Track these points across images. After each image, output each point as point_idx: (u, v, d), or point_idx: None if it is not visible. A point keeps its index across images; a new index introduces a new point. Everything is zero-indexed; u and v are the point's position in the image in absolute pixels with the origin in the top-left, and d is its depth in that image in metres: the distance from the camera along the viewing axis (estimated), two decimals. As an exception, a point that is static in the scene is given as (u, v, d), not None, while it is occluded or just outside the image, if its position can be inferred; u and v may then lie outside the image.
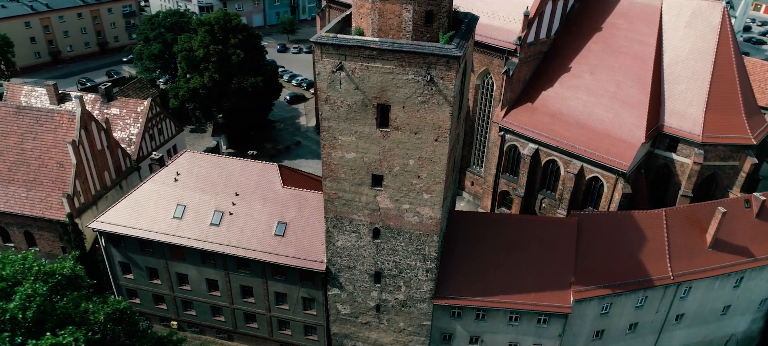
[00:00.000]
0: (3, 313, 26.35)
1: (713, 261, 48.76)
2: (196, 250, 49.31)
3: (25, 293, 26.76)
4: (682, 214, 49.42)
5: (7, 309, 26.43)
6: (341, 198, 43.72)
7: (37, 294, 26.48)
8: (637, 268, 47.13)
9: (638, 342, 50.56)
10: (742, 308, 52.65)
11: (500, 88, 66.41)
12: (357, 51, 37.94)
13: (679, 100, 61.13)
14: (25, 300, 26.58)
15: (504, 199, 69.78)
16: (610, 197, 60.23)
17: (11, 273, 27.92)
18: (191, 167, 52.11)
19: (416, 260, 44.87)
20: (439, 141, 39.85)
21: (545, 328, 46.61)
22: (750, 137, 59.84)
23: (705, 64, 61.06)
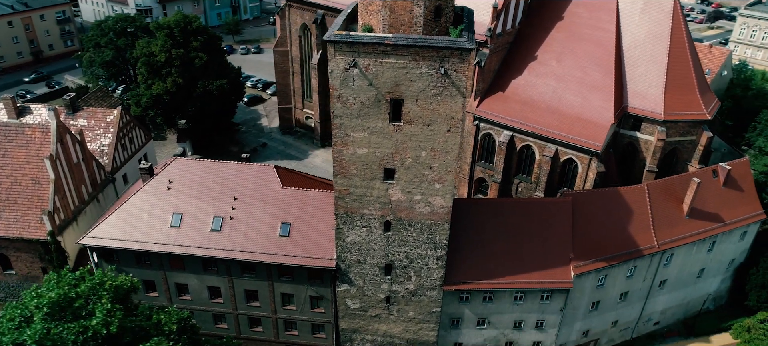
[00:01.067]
0: (85, 330, 25.33)
1: (690, 229, 52.82)
2: (198, 258, 48.34)
3: (105, 308, 25.85)
4: (662, 187, 53.17)
5: (89, 326, 25.44)
6: (352, 194, 44.17)
7: (116, 309, 25.56)
8: (627, 240, 50.40)
9: (628, 309, 54.05)
10: (714, 270, 57.31)
11: (471, 79, 68.56)
12: (371, 48, 38.41)
13: (640, 82, 65.28)
14: (107, 315, 25.67)
15: (480, 186, 72.12)
16: (584, 177, 63.59)
17: (86, 290, 26.85)
18: (183, 174, 50.89)
19: (427, 249, 46.01)
20: (451, 131, 41.05)
21: (548, 304, 49.01)
22: (705, 113, 64.79)
23: (661, 47, 65.43)
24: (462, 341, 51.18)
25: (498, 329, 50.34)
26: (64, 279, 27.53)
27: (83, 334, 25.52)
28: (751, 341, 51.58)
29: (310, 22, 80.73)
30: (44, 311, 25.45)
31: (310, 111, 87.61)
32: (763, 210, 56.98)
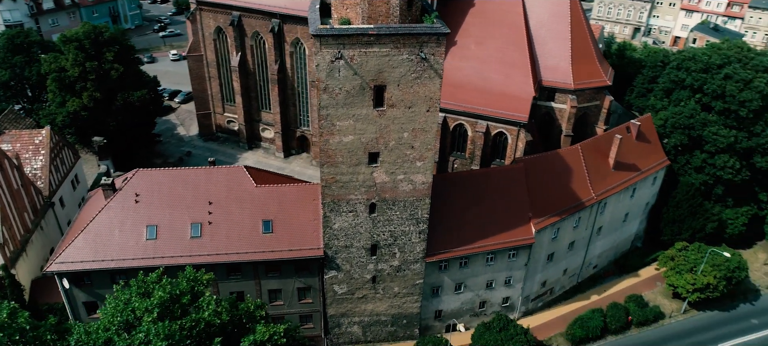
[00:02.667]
0: (198, 323, 25.35)
1: (617, 179, 60.55)
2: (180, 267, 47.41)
3: (211, 299, 26.09)
4: (591, 146, 60.34)
5: (202, 318, 25.47)
6: (339, 181, 46.03)
7: (220, 300, 25.78)
8: (571, 195, 56.85)
9: (574, 257, 60.78)
10: (635, 213, 65.94)
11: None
12: (356, 39, 40.66)
13: (550, 58, 72.57)
14: (216, 305, 25.94)
15: (416, 167, 75.98)
16: (514, 147, 69.77)
17: (187, 287, 26.60)
18: (149, 185, 49.61)
19: (410, 225, 49.04)
20: (430, 111, 44.39)
21: (514, 260, 54.10)
22: (606, 80, 73.58)
23: (563, 25, 73.15)
24: (442, 308, 54.87)
25: (473, 291, 54.64)
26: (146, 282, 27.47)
27: (196, 326, 25.71)
28: (675, 267, 60.39)
29: (225, 25, 79.76)
30: (155, 313, 25.29)
31: (232, 115, 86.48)
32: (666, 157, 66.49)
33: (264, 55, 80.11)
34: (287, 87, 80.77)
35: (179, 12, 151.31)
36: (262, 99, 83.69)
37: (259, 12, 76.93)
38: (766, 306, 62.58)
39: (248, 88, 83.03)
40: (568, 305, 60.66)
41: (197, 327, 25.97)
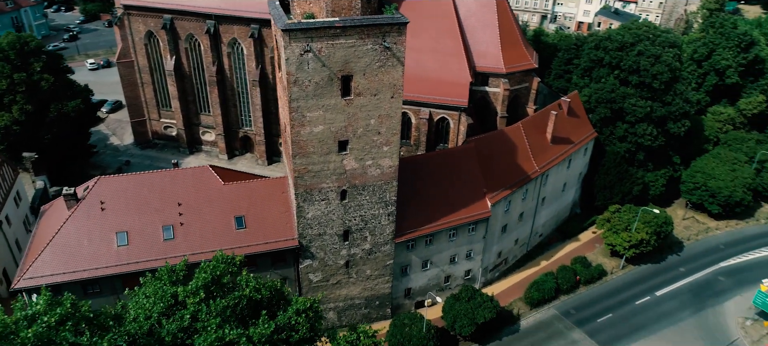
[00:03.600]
0: (241, 300, 26.43)
1: (555, 152, 65.61)
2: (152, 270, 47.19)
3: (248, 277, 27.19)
4: (530, 123, 65.04)
5: (244, 295, 26.46)
6: (310, 171, 47.52)
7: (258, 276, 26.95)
8: (518, 169, 61.16)
9: (524, 227, 65.28)
10: (571, 182, 71.55)
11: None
12: (323, 32, 42.45)
13: (481, 44, 76.96)
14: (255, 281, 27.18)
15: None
16: (457, 131, 73.64)
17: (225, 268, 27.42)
18: (114, 192, 48.89)
19: (379, 208, 51.28)
20: (394, 97, 46.86)
21: (474, 234, 57.64)
22: (533, 63, 79.01)
23: (491, 13, 77.79)
24: (411, 286, 57.53)
25: (439, 267, 57.68)
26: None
27: (239, 303, 26.72)
28: (611, 227, 66.33)
29: (157, 29, 78.31)
30: (201, 295, 26.00)
31: (169, 120, 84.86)
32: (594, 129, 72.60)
33: (200, 57, 79.38)
34: (227, 88, 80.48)
35: (88, 20, 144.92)
36: (201, 102, 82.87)
37: (192, 14, 76.17)
38: (689, 255, 70.04)
39: (185, 91, 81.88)
40: (521, 273, 65.20)
41: (241, 303, 27.13)
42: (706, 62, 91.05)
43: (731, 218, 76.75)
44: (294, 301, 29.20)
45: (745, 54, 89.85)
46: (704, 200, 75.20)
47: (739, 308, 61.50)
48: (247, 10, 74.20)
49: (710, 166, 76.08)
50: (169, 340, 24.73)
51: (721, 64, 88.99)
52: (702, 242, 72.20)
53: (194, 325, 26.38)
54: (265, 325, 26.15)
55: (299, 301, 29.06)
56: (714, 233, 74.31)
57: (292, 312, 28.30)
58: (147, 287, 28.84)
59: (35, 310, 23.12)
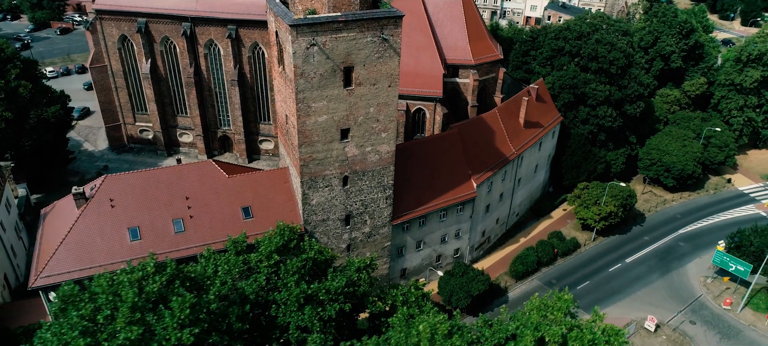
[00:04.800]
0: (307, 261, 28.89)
1: (528, 136, 70.32)
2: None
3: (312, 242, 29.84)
4: (505, 109, 69.47)
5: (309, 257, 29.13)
6: (315, 159, 50.17)
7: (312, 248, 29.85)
8: (497, 152, 65.43)
9: (503, 207, 69.66)
10: (542, 164, 76.56)
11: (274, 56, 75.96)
12: (327, 26, 45.31)
13: (450, 38, 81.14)
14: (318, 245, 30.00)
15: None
16: (433, 121, 77.47)
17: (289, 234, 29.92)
18: (122, 189, 50.09)
19: (377, 192, 54.40)
20: (391, 86, 50.17)
21: (461, 214, 61.48)
22: (498, 54, 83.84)
23: (457, 9, 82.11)
24: (406, 266, 60.82)
25: (431, 247, 61.24)
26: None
27: (306, 264, 29.35)
28: (582, 203, 71.57)
29: (131, 32, 78.66)
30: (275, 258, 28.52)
31: (145, 124, 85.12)
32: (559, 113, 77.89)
33: (176, 59, 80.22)
34: (204, 89, 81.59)
35: (38, 28, 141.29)
36: (178, 104, 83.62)
37: (168, 17, 76.98)
38: (651, 225, 76.31)
39: (161, 94, 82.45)
40: (503, 250, 69.58)
41: (307, 265, 29.79)
42: (652, 49, 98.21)
43: (684, 190, 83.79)
44: (350, 262, 32.06)
45: (686, 40, 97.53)
46: (660, 175, 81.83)
47: (699, 268, 67.90)
48: (224, 12, 75.70)
49: (663, 143, 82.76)
50: (253, 298, 27.20)
51: (666, 50, 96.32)
52: (661, 213, 78.71)
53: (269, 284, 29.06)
54: (338, 279, 29.00)
55: (358, 260, 31.92)
56: (671, 205, 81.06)
57: (354, 270, 31.13)
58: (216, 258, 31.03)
59: (145, 272, 25.20)
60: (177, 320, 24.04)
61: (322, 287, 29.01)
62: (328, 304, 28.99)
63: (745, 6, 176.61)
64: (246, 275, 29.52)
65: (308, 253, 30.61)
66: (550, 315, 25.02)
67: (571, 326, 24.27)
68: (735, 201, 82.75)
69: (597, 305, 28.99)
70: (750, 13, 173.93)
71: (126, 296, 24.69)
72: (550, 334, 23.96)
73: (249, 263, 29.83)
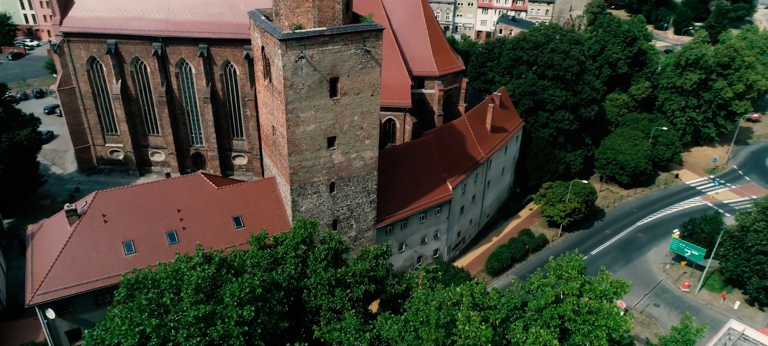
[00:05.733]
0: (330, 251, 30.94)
1: (495, 140, 74.37)
2: (163, 274, 49.88)
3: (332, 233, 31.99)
4: (473, 115, 73.33)
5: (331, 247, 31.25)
6: (304, 166, 52.43)
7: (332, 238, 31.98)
8: (469, 156, 69.08)
9: (476, 209, 73.25)
10: (508, 167, 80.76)
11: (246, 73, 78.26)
12: (315, 40, 47.95)
13: (415, 50, 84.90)
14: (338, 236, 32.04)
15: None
16: (403, 130, 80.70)
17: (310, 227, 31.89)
18: (114, 205, 50.96)
19: (362, 196, 56.97)
20: (374, 95, 53.07)
21: (439, 215, 64.62)
22: (460, 65, 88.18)
23: (420, 22, 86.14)
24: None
25: (412, 248, 64.04)
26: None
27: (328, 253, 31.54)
28: (548, 201, 75.98)
29: (100, 54, 78.99)
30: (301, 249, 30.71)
31: (115, 144, 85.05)
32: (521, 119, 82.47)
33: (146, 79, 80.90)
34: (176, 107, 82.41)
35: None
36: (149, 123, 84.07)
37: (139, 37, 77.75)
38: (610, 220, 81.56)
39: (132, 114, 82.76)
40: (478, 249, 73.14)
41: (329, 254, 32.06)
42: (600, 57, 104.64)
43: (638, 186, 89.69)
44: (367, 250, 34.61)
45: (630, 48, 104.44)
46: (615, 173, 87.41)
47: (658, 256, 73.19)
48: (195, 31, 77.11)
49: (616, 143, 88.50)
50: (285, 284, 29.32)
51: (613, 58, 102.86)
52: (619, 208, 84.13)
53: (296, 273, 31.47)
54: (361, 263, 31.41)
55: (375, 248, 34.47)
56: (627, 200, 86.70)
57: (372, 257, 33.60)
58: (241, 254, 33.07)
59: (195, 261, 27.13)
60: (237, 298, 26.22)
61: (349, 271, 31.50)
62: (354, 286, 31.49)
63: (677, 16, 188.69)
64: (271, 267, 31.61)
65: (330, 243, 33.00)
66: (565, 274, 28.28)
67: (583, 282, 27.56)
68: (684, 194, 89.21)
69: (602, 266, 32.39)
70: (682, 23, 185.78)
71: (189, 279, 26.65)
72: (568, 289, 27.22)
73: (275, 256, 31.95)
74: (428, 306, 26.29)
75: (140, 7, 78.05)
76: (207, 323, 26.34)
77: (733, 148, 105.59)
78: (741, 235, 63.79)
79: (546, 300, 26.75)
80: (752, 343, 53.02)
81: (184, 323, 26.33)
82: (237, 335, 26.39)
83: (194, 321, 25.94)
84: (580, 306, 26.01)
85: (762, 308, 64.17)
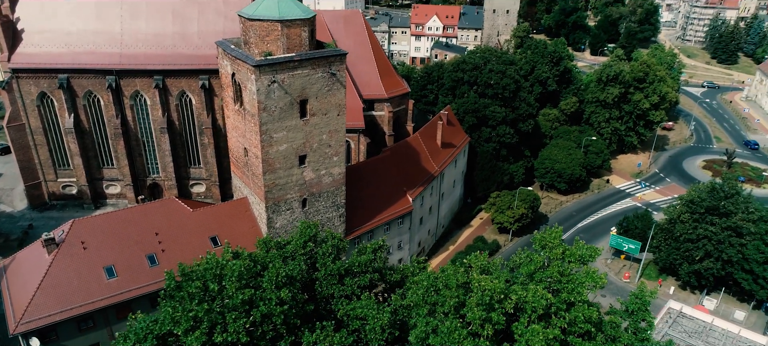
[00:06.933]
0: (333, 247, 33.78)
1: (446, 154, 79.54)
2: (145, 296, 51.22)
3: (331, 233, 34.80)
4: (424, 133, 78.36)
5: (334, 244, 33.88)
6: (277, 185, 55.39)
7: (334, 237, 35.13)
8: (424, 171, 73.78)
9: (432, 220, 77.78)
10: (458, 180, 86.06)
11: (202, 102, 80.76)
12: (285, 65, 51.59)
13: (363, 75, 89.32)
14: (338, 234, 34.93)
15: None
16: (358, 150, 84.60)
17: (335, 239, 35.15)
18: (92, 232, 51.98)
19: (332, 211, 60.29)
20: (340, 115, 56.96)
21: (402, 226, 68.66)
22: (406, 88, 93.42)
23: (367, 49, 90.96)
24: (357, 277, 66.51)
25: (377, 258, 67.55)
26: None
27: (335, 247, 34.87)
28: (497, 209, 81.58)
29: (51, 89, 78.81)
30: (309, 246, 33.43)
31: (68, 179, 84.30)
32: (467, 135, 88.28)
33: (100, 112, 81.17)
34: (131, 139, 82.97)
35: None
36: (104, 156, 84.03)
37: (92, 71, 78.27)
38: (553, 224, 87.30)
39: (86, 147, 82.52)
40: (438, 257, 77.62)
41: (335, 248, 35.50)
42: (531, 76, 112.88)
43: (574, 192, 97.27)
44: (364, 246, 38.16)
45: (557, 67, 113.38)
46: (554, 181, 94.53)
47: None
48: (150, 63, 78.40)
49: (553, 154, 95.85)
50: (299, 277, 32.35)
51: (542, 76, 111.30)
52: (560, 213, 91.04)
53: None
54: (363, 256, 34.79)
55: (372, 243, 37.99)
56: (566, 205, 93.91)
57: (371, 250, 37.08)
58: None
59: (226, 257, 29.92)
60: (274, 283, 29.28)
61: (355, 262, 34.91)
62: (360, 275, 34.91)
63: (592, 39, 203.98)
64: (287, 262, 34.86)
65: (331, 241, 36.37)
66: (548, 243, 32.83)
67: (564, 249, 32.20)
68: (615, 197, 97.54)
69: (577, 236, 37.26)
70: (597, 45, 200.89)
71: (231, 268, 29.55)
72: (552, 254, 31.73)
73: (285, 255, 34.89)
74: (446, 272, 30.09)
75: (92, 41, 78.65)
76: (250, 305, 29.29)
77: (653, 154, 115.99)
78: (670, 227, 71.38)
79: (535, 266, 31.29)
80: (689, 318, 60.10)
81: (231, 306, 29.06)
82: (278, 314, 29.48)
83: (240, 305, 28.90)
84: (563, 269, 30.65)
85: (693, 291, 71.76)
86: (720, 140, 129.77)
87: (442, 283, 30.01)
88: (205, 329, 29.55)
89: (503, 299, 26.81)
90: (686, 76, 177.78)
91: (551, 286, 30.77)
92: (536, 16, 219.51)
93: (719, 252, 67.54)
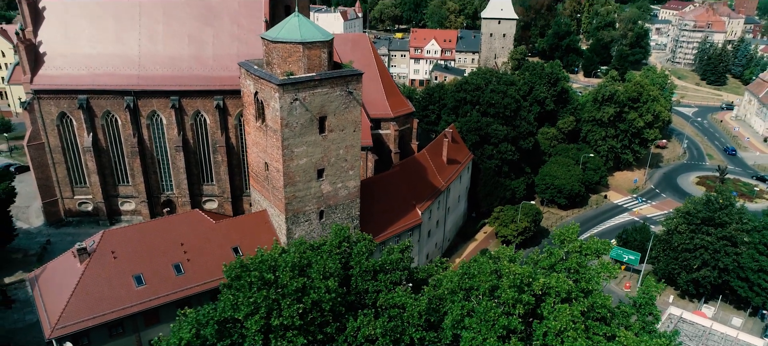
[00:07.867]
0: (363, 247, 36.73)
1: (451, 170, 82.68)
2: (172, 303, 53.63)
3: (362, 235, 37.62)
4: (431, 149, 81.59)
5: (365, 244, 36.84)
6: (297, 197, 58.28)
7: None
8: (431, 186, 76.86)
9: (439, 232, 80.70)
10: (462, 195, 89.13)
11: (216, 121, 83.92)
12: (306, 84, 54.83)
13: (370, 95, 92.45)
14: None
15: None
16: (366, 167, 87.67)
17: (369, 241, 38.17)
18: (121, 243, 54.53)
19: (347, 222, 63.05)
20: (356, 131, 60.15)
21: (412, 238, 71.36)
22: (411, 107, 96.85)
23: (373, 70, 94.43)
24: (370, 288, 69.14)
25: (389, 269, 70.24)
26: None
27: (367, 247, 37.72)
28: (501, 222, 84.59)
29: (71, 109, 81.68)
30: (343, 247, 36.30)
31: (84, 196, 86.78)
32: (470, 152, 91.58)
33: (117, 131, 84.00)
34: (147, 157, 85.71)
35: None
36: (119, 173, 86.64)
37: (110, 92, 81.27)
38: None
39: (103, 165, 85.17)
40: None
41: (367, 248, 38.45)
42: (529, 96, 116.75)
43: (574, 207, 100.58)
44: (391, 247, 41.17)
45: (554, 87, 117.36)
46: (554, 196, 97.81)
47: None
48: (167, 85, 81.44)
49: (553, 170, 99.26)
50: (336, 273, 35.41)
51: (540, 96, 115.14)
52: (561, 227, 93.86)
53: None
54: (393, 254, 37.70)
55: (400, 244, 40.94)
56: (566, 219, 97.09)
57: (398, 250, 40.02)
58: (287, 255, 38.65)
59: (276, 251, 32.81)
60: (322, 274, 32.27)
61: (387, 260, 37.96)
62: (391, 272, 37.86)
63: (585, 61, 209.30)
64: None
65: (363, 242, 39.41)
66: (566, 238, 35.94)
67: (580, 244, 35.33)
68: (613, 211, 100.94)
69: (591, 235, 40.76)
70: (590, 67, 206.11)
71: (285, 260, 32.47)
72: (570, 248, 34.79)
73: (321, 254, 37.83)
74: (477, 261, 32.98)
75: (111, 64, 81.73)
76: (302, 293, 32.22)
77: (648, 171, 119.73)
78: (668, 237, 74.61)
79: (556, 258, 34.33)
80: (690, 323, 63.01)
81: (285, 293, 31.98)
82: (327, 301, 32.44)
83: (294, 292, 31.82)
84: (581, 261, 33.72)
85: (691, 300, 74.77)
86: (712, 158, 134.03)
87: (475, 270, 32.98)
88: (263, 313, 32.69)
89: (532, 282, 29.87)
90: (677, 97, 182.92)
91: (570, 276, 33.89)
92: (530, 40, 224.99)
93: (716, 261, 70.74)
